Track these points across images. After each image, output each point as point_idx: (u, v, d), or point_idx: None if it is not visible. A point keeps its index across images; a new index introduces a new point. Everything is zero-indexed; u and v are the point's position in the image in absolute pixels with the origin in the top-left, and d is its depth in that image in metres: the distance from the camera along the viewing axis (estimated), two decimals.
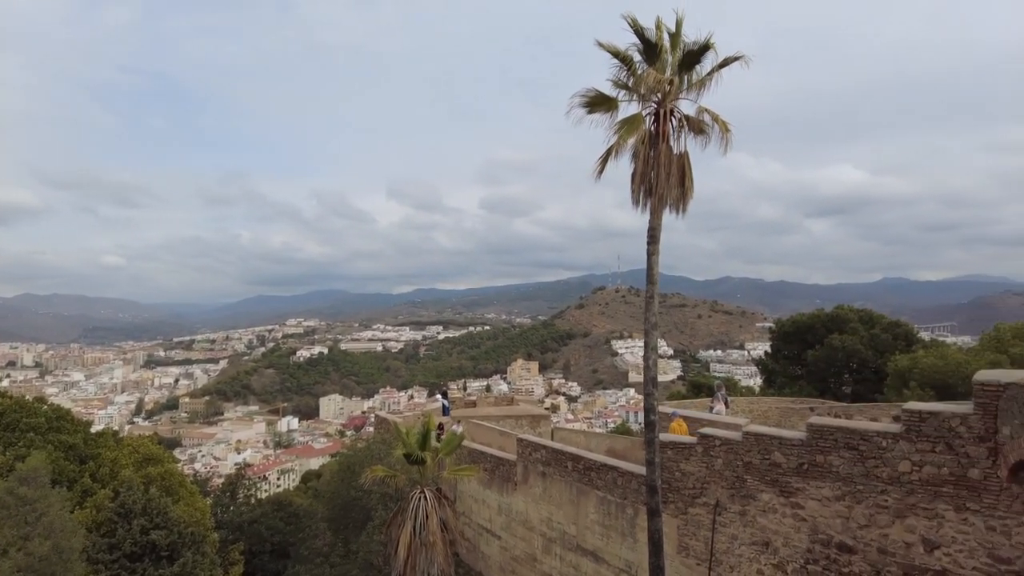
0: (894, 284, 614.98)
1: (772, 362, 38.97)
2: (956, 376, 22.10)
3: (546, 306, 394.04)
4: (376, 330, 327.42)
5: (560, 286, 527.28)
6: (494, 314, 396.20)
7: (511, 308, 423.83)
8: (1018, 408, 10.04)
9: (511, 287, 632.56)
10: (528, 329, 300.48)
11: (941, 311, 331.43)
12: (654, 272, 13.71)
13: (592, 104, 14.01)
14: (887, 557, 11.99)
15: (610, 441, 24.87)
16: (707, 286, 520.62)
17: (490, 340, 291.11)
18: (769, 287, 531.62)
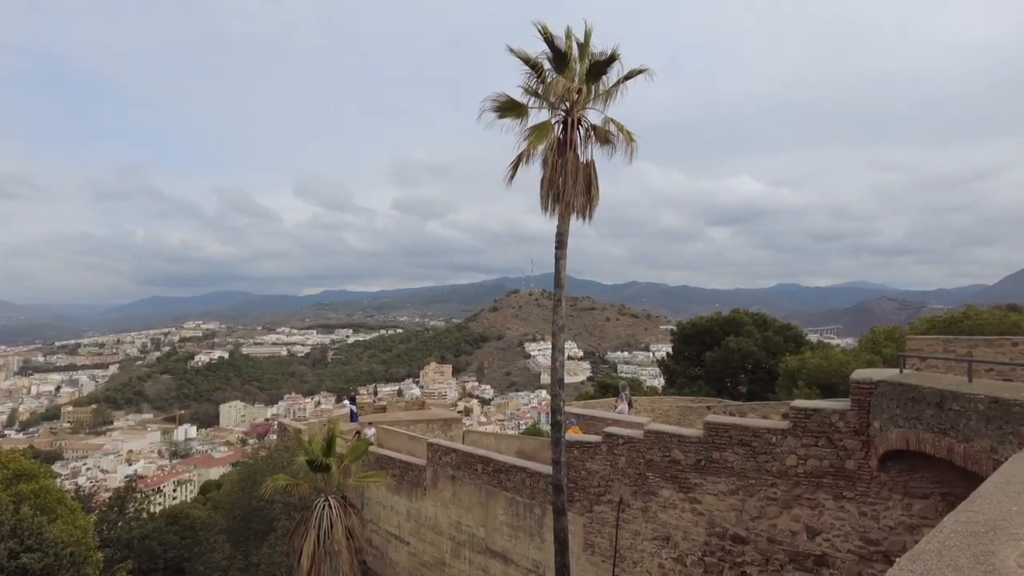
0: (787, 289, 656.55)
1: (673, 363, 40.61)
2: (838, 375, 23.82)
3: (460, 309, 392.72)
4: (281, 333, 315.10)
5: (474, 289, 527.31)
6: (407, 317, 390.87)
7: (424, 310, 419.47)
8: (887, 404, 10.97)
9: (425, 289, 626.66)
10: (442, 332, 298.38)
11: (828, 315, 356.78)
12: (562, 276, 13.98)
13: (503, 109, 14.13)
14: (775, 546, 12.77)
15: (520, 442, 25.09)
16: (615, 290, 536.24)
17: (402, 343, 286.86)
18: (673, 292, 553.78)
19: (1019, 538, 2.33)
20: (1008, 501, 2.95)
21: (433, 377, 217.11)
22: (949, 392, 9.14)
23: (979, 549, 2.28)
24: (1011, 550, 2.21)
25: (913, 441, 10.09)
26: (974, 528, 2.57)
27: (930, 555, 2.32)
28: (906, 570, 2.22)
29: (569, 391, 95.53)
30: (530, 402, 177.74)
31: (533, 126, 14.05)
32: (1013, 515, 2.68)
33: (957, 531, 2.58)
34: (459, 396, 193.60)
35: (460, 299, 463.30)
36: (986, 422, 8.18)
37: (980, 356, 13.54)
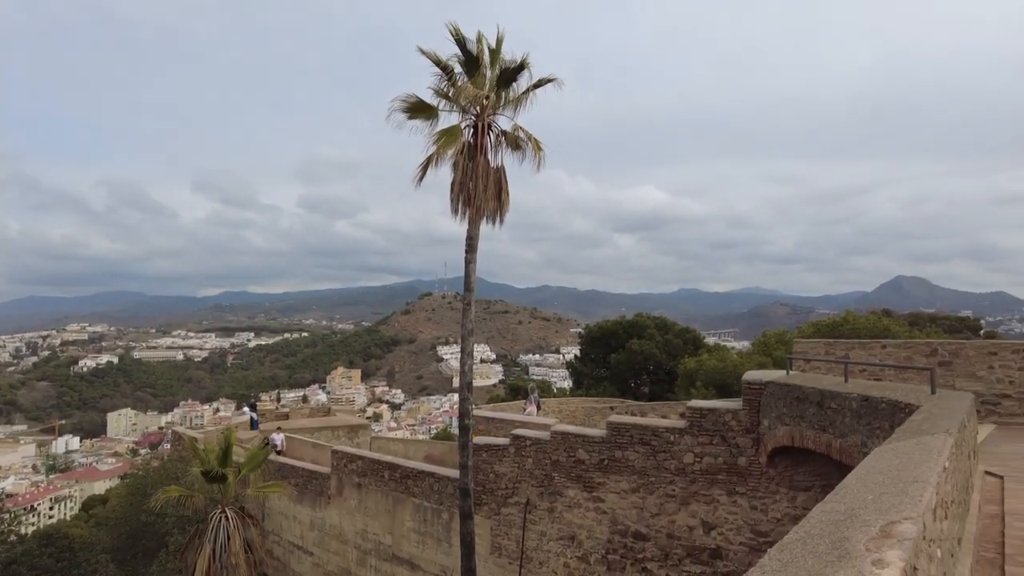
0: (688, 294, 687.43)
1: (581, 365, 41.56)
2: (733, 376, 25.16)
3: (370, 311, 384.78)
4: (177, 336, 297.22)
5: (386, 291, 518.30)
6: (313, 320, 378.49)
7: (332, 313, 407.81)
8: (775, 403, 11.69)
9: (333, 291, 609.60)
10: (351, 335, 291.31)
11: (726, 319, 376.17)
12: (472, 280, 14.00)
13: (412, 111, 14.00)
14: (674, 541, 13.29)
15: (428, 447, 24.91)
16: (528, 293, 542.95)
17: (308, 347, 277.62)
18: (582, 295, 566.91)
19: (870, 524, 2.54)
20: (865, 491, 3.21)
21: (341, 382, 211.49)
22: (828, 392, 9.84)
23: (837, 536, 2.47)
24: (862, 535, 2.41)
25: (798, 438, 10.79)
26: (835, 517, 2.79)
27: (796, 544, 2.49)
28: (775, 559, 2.37)
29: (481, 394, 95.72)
30: (442, 406, 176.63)
31: (443, 129, 13.99)
32: (868, 503, 2.93)
33: (821, 520, 2.79)
34: (368, 401, 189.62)
35: (370, 302, 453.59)
36: (858, 419, 8.87)
37: (855, 358, 14.68)
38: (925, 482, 3.24)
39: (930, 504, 2.94)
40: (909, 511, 2.71)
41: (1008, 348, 13.79)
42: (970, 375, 13.81)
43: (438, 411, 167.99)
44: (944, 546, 3.62)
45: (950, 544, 3.97)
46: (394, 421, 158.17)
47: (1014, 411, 13.20)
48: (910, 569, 2.24)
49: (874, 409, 8.45)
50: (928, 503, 2.91)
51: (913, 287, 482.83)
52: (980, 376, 13.70)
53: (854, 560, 2.19)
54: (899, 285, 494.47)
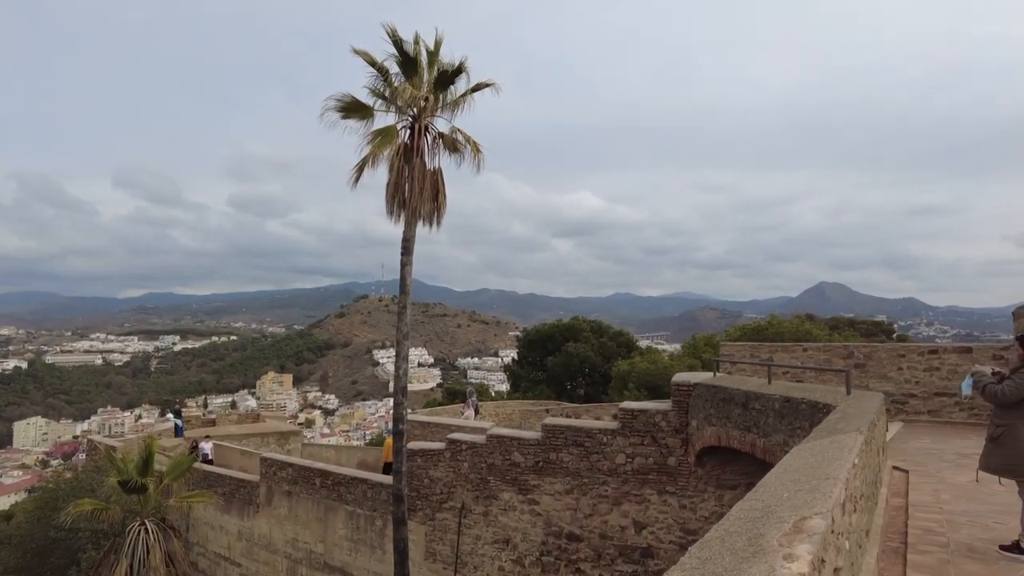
0: (623, 299, 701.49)
1: (518, 368, 41.82)
2: (663, 378, 25.83)
3: (303, 314, 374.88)
4: (96, 340, 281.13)
5: (319, 293, 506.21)
6: (243, 323, 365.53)
7: (263, 316, 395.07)
8: (702, 404, 12.07)
9: (264, 293, 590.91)
10: (282, 339, 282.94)
11: (659, 322, 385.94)
12: (407, 283, 13.86)
13: (347, 110, 13.76)
14: (607, 541, 13.51)
15: (362, 454, 24.50)
16: (467, 296, 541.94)
17: (237, 351, 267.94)
18: (521, 299, 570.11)
19: (784, 520, 2.65)
20: (782, 488, 3.35)
21: (271, 387, 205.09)
22: (752, 393, 10.23)
23: (753, 532, 2.57)
24: (776, 531, 2.51)
25: (724, 438, 11.17)
26: (753, 514, 2.89)
27: (715, 541, 2.57)
28: (694, 557, 2.44)
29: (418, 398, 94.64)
30: (377, 411, 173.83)
31: (378, 130, 13.81)
32: (784, 500, 3.06)
33: (739, 518, 2.89)
34: (300, 407, 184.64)
35: (303, 304, 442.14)
36: (780, 419, 9.25)
37: (779, 360, 15.34)
38: (836, 479, 3.41)
39: (839, 499, 3.10)
40: (820, 506, 2.84)
41: (915, 351, 14.71)
42: (882, 376, 14.65)
43: (373, 417, 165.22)
44: (853, 538, 3.82)
45: (858, 536, 4.20)
46: (327, 427, 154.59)
47: (919, 409, 14.07)
48: (818, 562, 2.35)
49: (795, 409, 8.83)
50: (837, 498, 3.06)
51: (834, 293, 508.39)
52: (890, 377, 14.55)
53: (767, 555, 2.28)
54: (821, 291, 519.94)
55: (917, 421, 13.74)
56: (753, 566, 2.20)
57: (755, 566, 2.20)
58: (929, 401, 14.05)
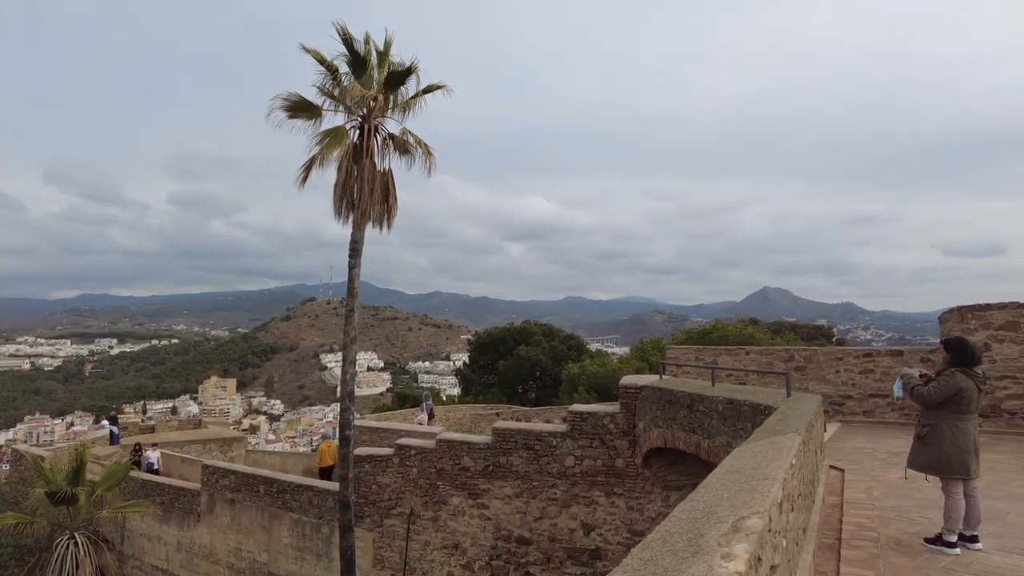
0: (575, 302, 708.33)
1: (470, 371, 41.70)
2: (613, 381, 26.18)
3: (248, 317, 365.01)
4: (23, 343, 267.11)
5: (265, 296, 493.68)
6: (185, 325, 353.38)
7: (206, 319, 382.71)
8: (649, 406, 12.26)
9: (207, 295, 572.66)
10: (226, 342, 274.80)
11: (609, 326, 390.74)
12: (355, 285, 13.64)
13: (295, 109, 13.47)
14: (556, 544, 13.57)
15: (308, 460, 23.97)
16: (418, 300, 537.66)
17: (178, 355, 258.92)
18: (473, 302, 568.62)
19: (723, 520, 2.71)
20: (723, 488, 3.42)
21: (214, 392, 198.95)
22: (697, 395, 10.45)
23: (693, 533, 2.61)
24: (716, 531, 2.56)
25: (670, 439, 11.37)
26: (694, 515, 2.94)
27: (657, 542, 2.60)
28: (636, 558, 2.46)
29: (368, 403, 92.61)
30: (325, 416, 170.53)
31: (327, 130, 13.58)
32: (724, 501, 3.12)
33: (681, 518, 2.93)
34: (244, 413, 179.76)
35: (248, 307, 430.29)
36: (724, 420, 9.48)
37: (723, 363, 15.72)
38: (773, 479, 3.51)
39: (776, 499, 3.18)
40: (758, 506, 2.91)
41: (851, 354, 15.30)
42: (821, 379, 15.18)
43: (320, 422, 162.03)
44: (790, 536, 3.93)
45: (796, 533, 4.32)
46: (272, 433, 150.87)
47: (855, 410, 14.64)
48: (755, 560, 2.40)
49: (738, 411, 9.06)
50: (775, 498, 3.14)
51: (777, 297, 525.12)
52: (829, 379, 15.10)
53: (706, 555, 2.32)
54: (765, 296, 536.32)
55: (853, 421, 14.28)
56: (692, 566, 2.24)
57: (694, 566, 2.23)
58: (864, 402, 14.63)
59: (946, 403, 5.65)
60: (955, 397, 5.60)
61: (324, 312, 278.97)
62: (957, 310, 13.29)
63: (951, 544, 5.56)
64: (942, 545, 5.59)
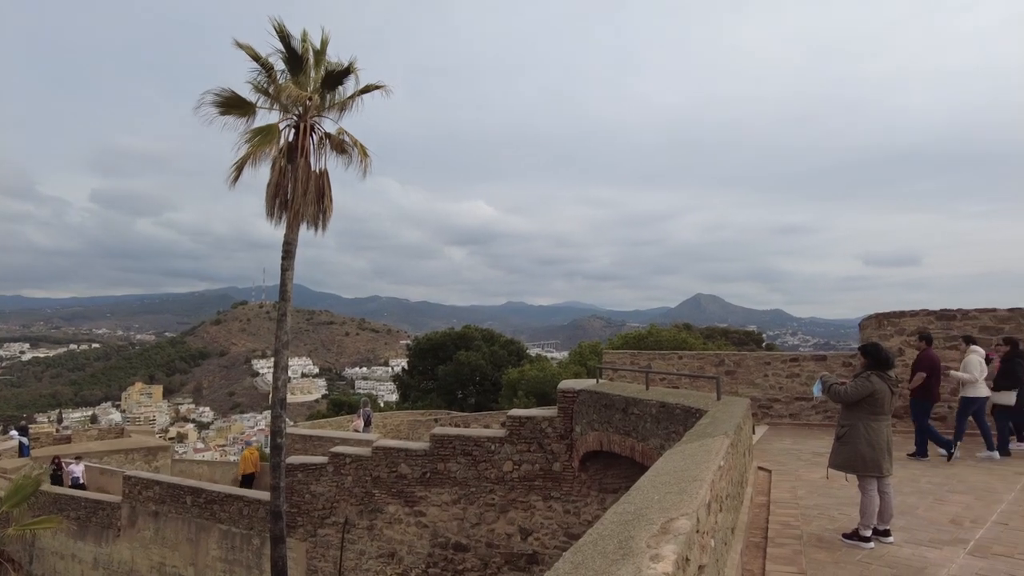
0: (515, 307, 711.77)
1: (408, 377, 41.23)
2: (551, 385, 26.37)
3: (176, 321, 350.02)
4: None
5: (194, 299, 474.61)
6: (107, 329, 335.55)
7: (130, 322, 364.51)
8: (586, 410, 12.41)
9: (132, 298, 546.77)
10: (152, 347, 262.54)
11: (549, 331, 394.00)
12: (288, 288, 13.27)
13: (227, 106, 13.02)
14: (493, 550, 13.54)
15: (239, 469, 23.10)
16: (356, 304, 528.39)
17: (99, 361, 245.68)
18: (413, 307, 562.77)
19: (653, 522, 2.74)
20: (654, 491, 3.48)
21: (139, 400, 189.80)
22: (632, 399, 10.64)
23: (624, 535, 2.63)
24: (645, 533, 2.59)
25: (606, 442, 11.53)
26: (625, 517, 2.97)
27: (588, 545, 2.61)
28: (568, 561, 2.46)
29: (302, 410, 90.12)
30: (257, 424, 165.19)
31: (260, 127, 13.16)
32: (654, 503, 3.17)
33: (613, 521, 2.96)
34: (171, 421, 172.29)
35: (176, 310, 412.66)
36: (657, 423, 9.68)
37: (657, 368, 16.07)
38: (702, 480, 3.59)
39: (704, 500, 3.25)
40: (686, 507, 2.97)
41: (779, 359, 15.90)
42: (750, 382, 15.72)
43: (252, 430, 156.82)
44: (719, 536, 4.03)
45: (724, 533, 4.44)
46: (201, 442, 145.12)
47: (782, 413, 15.22)
48: (682, 560, 2.44)
49: (670, 414, 9.27)
50: (703, 499, 3.21)
51: (709, 304, 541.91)
52: (757, 383, 15.65)
53: (635, 557, 2.34)
54: (698, 302, 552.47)
55: (780, 424, 14.84)
56: (621, 568, 2.25)
57: (623, 568, 2.25)
58: (791, 405, 15.23)
59: (862, 404, 5.96)
60: (869, 399, 5.92)
61: (256, 316, 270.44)
62: (875, 317, 14.02)
63: (866, 539, 5.85)
64: (858, 540, 5.87)
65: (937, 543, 5.89)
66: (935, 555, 5.56)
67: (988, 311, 12.71)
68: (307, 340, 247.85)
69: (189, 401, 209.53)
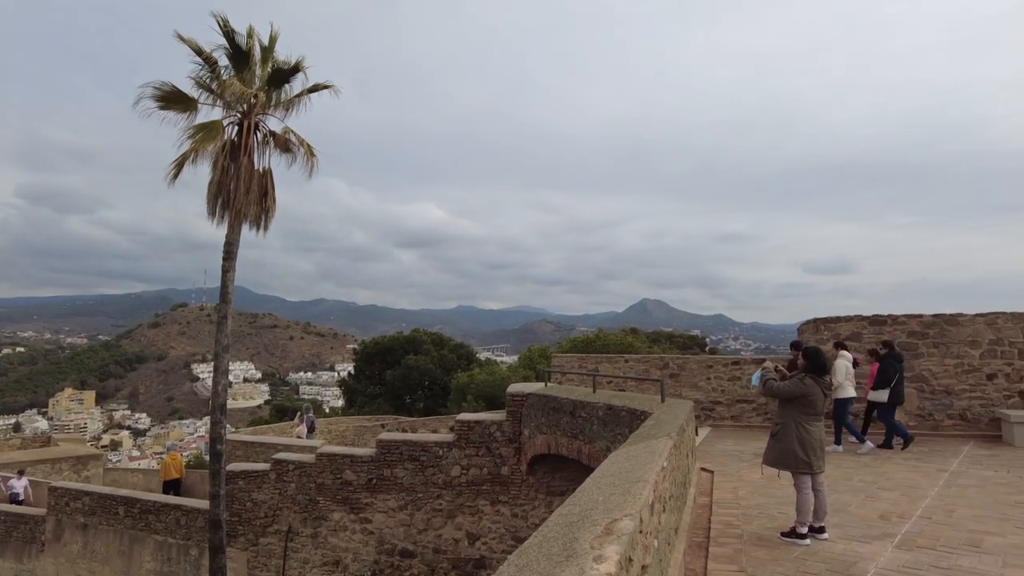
0: (466, 311, 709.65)
1: (355, 382, 40.54)
2: (501, 389, 26.40)
3: (110, 324, 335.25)
4: None
5: (131, 300, 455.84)
6: (33, 332, 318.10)
7: (60, 325, 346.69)
8: (535, 413, 12.45)
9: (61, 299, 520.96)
10: (84, 351, 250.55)
11: (499, 335, 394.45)
12: (229, 290, 12.87)
13: (167, 100, 12.56)
14: (440, 555, 13.42)
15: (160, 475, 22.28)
16: (301, 307, 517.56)
17: (25, 365, 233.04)
18: (361, 310, 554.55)
19: (597, 523, 2.76)
20: (598, 492, 3.51)
21: (68, 406, 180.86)
22: (579, 401, 10.73)
23: (568, 537, 2.64)
24: (589, 534, 2.60)
25: (553, 445, 11.58)
26: (570, 519, 2.98)
27: (533, 548, 2.61)
28: (512, 564, 2.46)
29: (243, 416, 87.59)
30: (197, 431, 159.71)
31: (202, 124, 12.75)
32: (598, 504, 3.19)
33: (558, 523, 2.97)
34: (104, 428, 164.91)
35: (111, 312, 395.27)
36: (604, 426, 9.78)
37: (604, 371, 16.27)
38: (645, 481, 3.64)
39: (647, 501, 3.30)
40: (629, 508, 3.00)
41: (721, 362, 16.32)
42: (693, 385, 16.08)
43: (191, 436, 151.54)
44: (662, 536, 4.09)
45: (667, 534, 4.51)
46: (137, 449, 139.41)
47: (724, 415, 15.62)
48: (625, 561, 2.47)
49: (617, 416, 9.38)
50: (646, 500, 3.26)
51: (655, 309, 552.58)
52: (700, 386, 16.02)
53: (579, 558, 2.35)
54: (644, 307, 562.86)
55: (723, 425, 15.22)
56: (565, 570, 2.26)
57: (567, 569, 2.26)
58: (732, 407, 15.64)
59: (795, 404, 6.19)
60: (802, 399, 6.15)
61: (197, 319, 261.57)
62: (813, 322, 14.55)
63: (803, 536, 6.05)
64: (795, 537, 6.07)
65: (868, 538, 6.14)
66: (866, 549, 5.80)
67: (915, 316, 13.36)
68: (250, 344, 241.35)
69: (124, 407, 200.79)
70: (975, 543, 5.94)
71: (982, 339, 12.88)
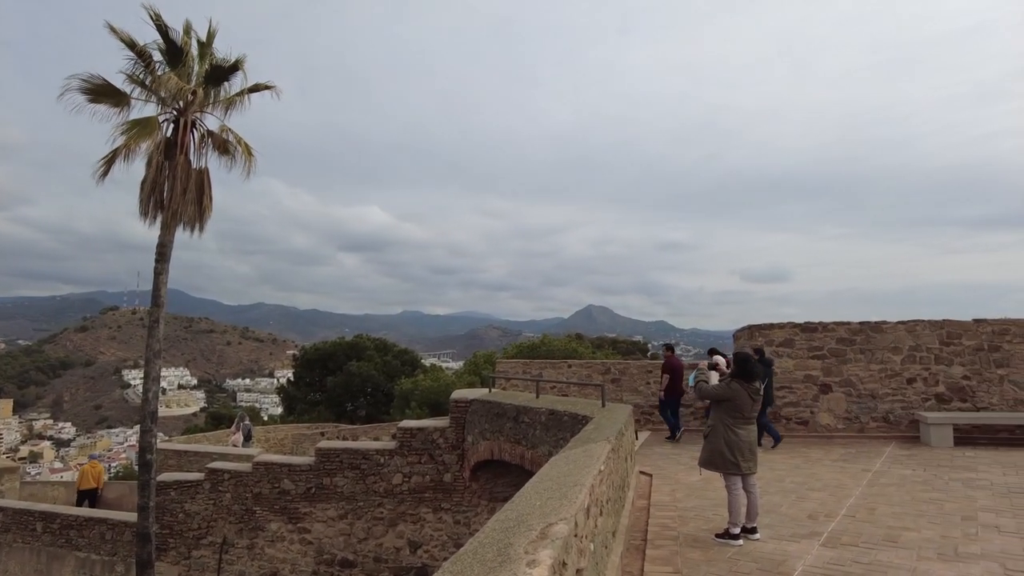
0: (411, 316, 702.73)
1: (294, 389, 39.55)
2: (446, 395, 26.21)
3: (32, 327, 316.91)
4: None
5: (55, 303, 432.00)
6: None
7: None
8: (478, 419, 12.43)
9: None
10: (2, 356, 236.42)
11: (445, 340, 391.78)
12: (162, 293, 12.39)
13: (97, 94, 12.03)
14: (381, 564, 13.22)
15: (103, 490, 21.19)
16: (239, 311, 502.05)
17: None
18: (302, 315, 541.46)
19: (532, 528, 2.78)
20: (536, 497, 3.53)
21: None
22: (522, 407, 10.78)
23: (504, 542, 2.65)
24: (524, 540, 2.62)
25: (496, 451, 11.59)
26: (507, 524, 2.99)
27: (468, 554, 2.60)
28: (447, 571, 2.45)
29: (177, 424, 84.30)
30: (127, 440, 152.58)
31: (136, 120, 12.26)
32: (536, 509, 3.21)
33: (495, 528, 2.97)
34: (23, 438, 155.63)
35: (33, 315, 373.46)
36: (546, 431, 9.86)
37: (548, 376, 16.40)
38: (582, 485, 3.68)
39: (583, 504, 3.34)
40: (565, 512, 3.04)
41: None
42: (633, 390, 16.37)
43: (121, 446, 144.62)
44: (599, 539, 4.14)
45: (605, 537, 4.58)
46: (60, 461, 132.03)
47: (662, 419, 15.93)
48: (559, 565, 2.49)
49: (559, 421, 9.47)
50: (581, 504, 3.30)
51: (600, 315, 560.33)
52: (640, 391, 16.33)
53: (513, 563, 2.36)
54: (589, 313, 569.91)
55: (662, 430, 15.52)
56: (498, 575, 2.27)
57: (500, 575, 2.26)
58: None
59: (723, 407, 6.43)
60: (729, 403, 6.38)
61: (129, 323, 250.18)
62: (748, 328, 15.03)
63: (735, 536, 6.24)
64: (728, 538, 6.25)
65: (796, 537, 6.38)
66: (794, 548, 6.02)
67: (844, 324, 13.99)
68: (185, 349, 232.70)
69: (46, 416, 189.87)
70: (893, 539, 6.25)
71: (903, 345, 13.59)
